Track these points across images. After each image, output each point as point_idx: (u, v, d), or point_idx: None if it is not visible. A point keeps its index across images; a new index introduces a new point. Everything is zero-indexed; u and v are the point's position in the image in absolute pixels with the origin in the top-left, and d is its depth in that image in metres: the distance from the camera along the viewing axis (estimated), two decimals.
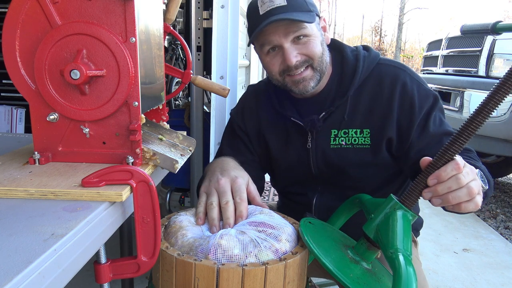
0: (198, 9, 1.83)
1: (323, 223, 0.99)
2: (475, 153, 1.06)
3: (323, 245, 0.84)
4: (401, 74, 1.09)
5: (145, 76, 0.86)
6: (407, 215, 0.80)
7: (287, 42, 1.03)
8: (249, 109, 1.25)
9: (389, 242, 0.77)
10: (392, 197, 0.82)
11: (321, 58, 1.07)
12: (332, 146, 1.13)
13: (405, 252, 0.75)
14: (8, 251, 0.50)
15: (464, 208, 0.79)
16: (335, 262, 0.80)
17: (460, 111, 3.27)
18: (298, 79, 1.06)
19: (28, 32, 0.77)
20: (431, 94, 1.08)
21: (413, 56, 22.76)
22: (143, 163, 0.84)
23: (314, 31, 1.05)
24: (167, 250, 0.80)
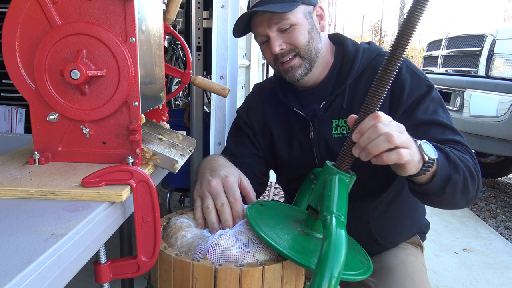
0: (198, 9, 1.83)
1: (278, 203, 1.02)
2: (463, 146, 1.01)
3: (270, 224, 0.84)
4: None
5: (145, 76, 0.86)
6: (343, 177, 0.80)
7: (272, 32, 1.08)
8: (254, 104, 1.28)
9: (323, 207, 0.77)
10: (327, 164, 0.83)
11: (307, 46, 1.09)
12: (334, 136, 1.14)
13: (336, 214, 0.74)
14: (8, 251, 0.50)
15: (386, 158, 0.76)
16: (279, 237, 0.80)
17: (460, 111, 3.27)
18: (287, 67, 1.11)
19: (28, 32, 0.77)
20: (426, 83, 1.07)
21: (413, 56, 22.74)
22: (143, 163, 0.84)
23: (299, 20, 1.07)
24: (165, 250, 0.80)
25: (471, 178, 0.93)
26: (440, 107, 1.07)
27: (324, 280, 0.65)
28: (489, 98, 3.03)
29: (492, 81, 3.07)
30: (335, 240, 0.69)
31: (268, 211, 0.92)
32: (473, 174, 0.93)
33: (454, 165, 0.89)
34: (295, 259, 0.75)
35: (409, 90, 1.05)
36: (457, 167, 0.89)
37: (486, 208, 3.45)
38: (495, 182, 4.24)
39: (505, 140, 2.99)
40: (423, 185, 0.87)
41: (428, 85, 1.07)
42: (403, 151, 0.76)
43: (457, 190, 0.90)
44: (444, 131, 1.02)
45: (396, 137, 0.75)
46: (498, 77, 3.07)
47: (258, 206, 0.92)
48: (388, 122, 0.77)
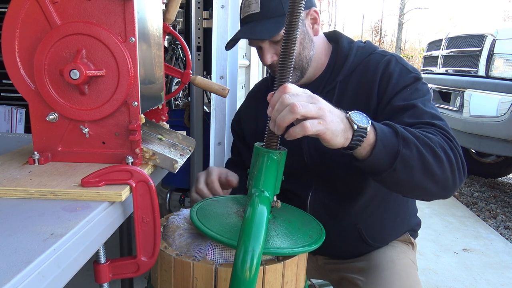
0: (198, 9, 1.83)
1: (232, 196, 1.07)
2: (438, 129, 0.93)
3: (215, 215, 0.88)
4: (387, 57, 1.10)
5: (145, 76, 0.86)
6: (270, 155, 0.80)
7: (264, 44, 1.09)
8: (247, 110, 1.31)
9: (250, 187, 0.78)
10: (255, 145, 0.84)
11: (298, 57, 1.09)
12: None
13: (259, 190, 0.75)
14: (7, 251, 0.50)
15: (292, 132, 0.74)
16: (219, 225, 0.82)
17: (460, 111, 3.27)
18: None
19: (27, 32, 0.77)
20: (413, 75, 1.05)
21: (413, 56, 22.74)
22: (142, 163, 0.84)
23: None
24: (165, 250, 0.80)
25: (433, 157, 0.84)
26: (422, 97, 1.02)
27: (247, 255, 0.65)
28: (489, 98, 3.03)
29: (492, 81, 3.07)
30: (256, 215, 0.69)
31: (217, 204, 0.96)
32: (436, 152, 0.85)
33: (404, 140, 0.82)
34: (220, 239, 0.76)
35: (395, 81, 1.04)
36: (407, 142, 0.83)
37: (486, 208, 3.45)
38: (495, 182, 4.24)
39: (505, 140, 2.99)
40: (364, 160, 0.83)
41: (414, 77, 1.05)
42: (307, 122, 0.72)
43: (413, 169, 0.83)
44: (420, 115, 0.96)
45: (300, 106, 0.71)
46: (498, 77, 3.07)
47: (209, 201, 0.98)
48: (295, 93, 0.74)
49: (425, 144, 0.84)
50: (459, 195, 3.77)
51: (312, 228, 0.89)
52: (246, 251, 0.65)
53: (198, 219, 0.84)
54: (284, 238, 0.80)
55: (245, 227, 0.68)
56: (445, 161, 0.85)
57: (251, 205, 0.71)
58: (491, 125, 3.00)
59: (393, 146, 0.82)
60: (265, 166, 0.79)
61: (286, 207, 0.99)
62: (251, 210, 0.70)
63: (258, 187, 0.76)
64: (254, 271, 0.65)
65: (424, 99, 1.01)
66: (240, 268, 0.65)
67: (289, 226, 0.86)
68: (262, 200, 0.72)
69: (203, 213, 0.88)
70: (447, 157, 0.86)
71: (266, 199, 0.73)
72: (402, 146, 0.82)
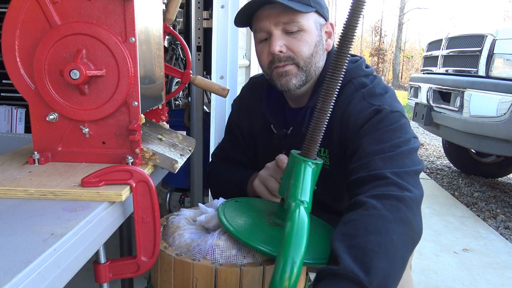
0: (198, 9, 1.83)
1: (254, 198, 1.02)
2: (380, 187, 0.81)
3: (242, 218, 0.85)
4: (355, 94, 1.01)
5: (145, 76, 0.86)
6: (308, 164, 0.79)
7: (277, 29, 0.99)
8: (245, 108, 1.24)
9: (288, 195, 0.77)
10: (292, 153, 0.82)
11: (309, 59, 1.02)
12: None
13: (299, 200, 0.74)
14: (7, 251, 0.50)
15: None
16: (249, 230, 0.80)
17: (460, 111, 3.27)
18: (281, 71, 1.02)
19: (27, 32, 0.77)
20: (374, 108, 0.96)
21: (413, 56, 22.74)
22: (142, 163, 0.84)
23: (309, 27, 1.00)
24: (165, 250, 0.80)
25: (400, 227, 0.73)
26: (379, 129, 0.93)
27: (287, 266, 0.63)
28: (489, 98, 3.02)
29: (492, 81, 3.07)
30: (297, 226, 0.68)
31: (242, 206, 0.93)
32: (397, 239, 0.72)
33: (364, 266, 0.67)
34: (261, 248, 0.75)
35: (353, 121, 0.97)
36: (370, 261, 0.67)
37: (486, 208, 3.45)
38: (495, 182, 4.24)
39: (505, 140, 2.99)
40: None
41: (375, 110, 0.96)
42: None
43: (396, 271, 0.70)
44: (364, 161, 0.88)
45: None
46: (498, 77, 3.07)
47: (233, 203, 0.93)
48: None
49: (386, 247, 0.70)
50: (459, 195, 3.77)
51: None
52: (286, 263, 0.64)
53: (232, 226, 0.81)
54: (313, 249, 0.78)
55: (289, 239, 0.66)
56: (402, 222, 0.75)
57: (293, 217, 0.70)
58: (491, 125, 3.00)
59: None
60: (304, 176, 0.78)
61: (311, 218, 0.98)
62: (292, 221, 0.69)
63: (297, 197, 0.75)
64: (294, 282, 0.63)
65: (382, 131, 0.92)
66: (279, 278, 0.63)
67: (316, 237, 0.85)
68: (303, 211, 0.71)
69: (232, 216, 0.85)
70: (400, 218, 0.76)
71: (306, 210, 0.72)
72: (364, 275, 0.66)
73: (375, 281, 0.65)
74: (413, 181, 0.84)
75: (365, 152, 0.90)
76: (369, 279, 0.64)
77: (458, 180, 4.24)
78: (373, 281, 0.64)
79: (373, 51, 25.26)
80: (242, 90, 1.30)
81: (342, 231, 0.74)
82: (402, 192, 0.79)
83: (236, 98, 1.31)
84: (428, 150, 5.74)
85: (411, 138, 0.93)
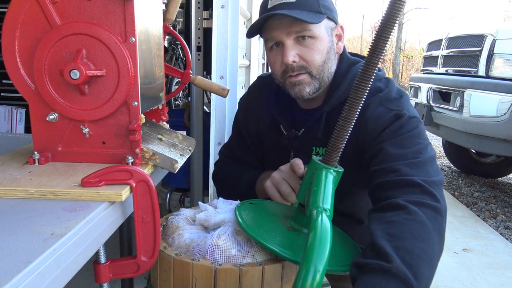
0: (198, 9, 1.83)
1: (268, 201, 1.00)
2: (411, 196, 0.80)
3: (259, 221, 0.85)
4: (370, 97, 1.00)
5: (145, 76, 0.86)
6: (329, 171, 0.79)
7: (289, 39, 0.99)
8: (253, 106, 1.23)
9: (310, 202, 0.77)
10: (313, 159, 0.82)
11: (321, 67, 1.02)
12: None
13: (322, 208, 0.74)
14: (8, 251, 0.50)
15: None
16: (268, 234, 0.80)
17: (460, 111, 3.27)
18: (294, 81, 1.02)
19: (27, 32, 0.77)
20: (394, 113, 0.96)
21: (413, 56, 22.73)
22: (142, 163, 0.84)
23: (321, 34, 1.00)
24: (165, 250, 0.80)
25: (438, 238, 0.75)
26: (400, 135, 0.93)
27: (309, 274, 0.64)
28: (489, 98, 3.02)
29: (492, 81, 3.07)
30: (320, 234, 0.68)
31: (257, 209, 0.92)
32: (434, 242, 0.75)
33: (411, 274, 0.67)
34: (283, 254, 0.75)
35: (372, 127, 0.97)
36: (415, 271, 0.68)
37: (486, 208, 3.45)
38: (495, 182, 4.24)
39: (505, 140, 2.99)
40: None
41: (395, 115, 0.96)
42: None
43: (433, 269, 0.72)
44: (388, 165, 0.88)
45: None
46: (498, 77, 3.07)
47: (248, 205, 0.93)
48: None
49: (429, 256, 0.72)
50: (459, 195, 3.77)
51: (352, 247, 0.89)
52: (313, 271, 0.64)
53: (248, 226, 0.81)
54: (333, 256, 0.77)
55: (312, 247, 0.66)
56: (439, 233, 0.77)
57: (315, 225, 0.70)
58: (491, 125, 3.00)
59: None
60: (324, 183, 0.78)
61: None
62: (315, 229, 0.69)
63: (319, 204, 0.75)
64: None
65: (403, 136, 0.93)
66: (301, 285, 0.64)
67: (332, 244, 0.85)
68: (326, 219, 0.71)
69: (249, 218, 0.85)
70: (438, 228, 0.78)
71: (328, 217, 0.72)
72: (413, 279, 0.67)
73: (421, 286, 0.67)
74: (440, 192, 0.85)
75: (388, 155, 0.90)
76: (417, 283, 0.66)
77: (458, 180, 4.25)
78: (420, 286, 0.66)
79: None
80: (250, 88, 1.29)
81: (386, 230, 0.75)
82: (436, 202, 0.80)
83: (244, 95, 1.30)
84: None
85: (428, 145, 0.94)
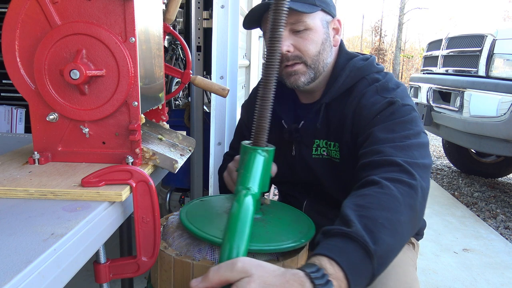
0: (198, 9, 1.83)
1: (220, 195, 1.05)
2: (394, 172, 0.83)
3: (204, 215, 0.89)
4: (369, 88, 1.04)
5: (145, 76, 0.86)
6: (257, 152, 0.81)
7: (284, 30, 0.99)
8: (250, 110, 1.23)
9: (237, 185, 0.79)
10: (242, 143, 0.84)
11: (316, 57, 1.05)
12: (314, 156, 1.11)
13: (245, 187, 0.76)
14: (8, 251, 0.50)
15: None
16: (208, 225, 0.82)
17: (460, 111, 3.27)
18: (290, 71, 1.05)
19: (27, 32, 0.77)
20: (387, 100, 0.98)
21: (413, 56, 22.74)
22: (142, 163, 0.84)
23: (315, 26, 1.03)
24: (165, 250, 0.80)
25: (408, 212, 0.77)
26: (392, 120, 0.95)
27: (232, 252, 0.65)
28: (489, 98, 3.02)
29: (492, 81, 3.07)
30: (240, 211, 0.70)
31: (205, 205, 0.97)
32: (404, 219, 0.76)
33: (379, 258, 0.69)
34: (210, 238, 0.76)
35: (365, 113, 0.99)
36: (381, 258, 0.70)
37: (486, 208, 3.45)
38: (495, 182, 4.24)
39: (505, 140, 2.99)
40: None
41: (388, 102, 0.98)
42: None
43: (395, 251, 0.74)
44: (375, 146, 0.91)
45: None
46: (498, 77, 3.07)
47: (197, 202, 0.97)
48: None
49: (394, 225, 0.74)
50: (459, 195, 3.77)
51: (302, 223, 0.90)
52: (231, 248, 0.66)
53: (188, 220, 0.84)
54: (274, 235, 0.81)
55: (230, 224, 0.69)
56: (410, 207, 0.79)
57: (237, 202, 0.72)
58: (491, 125, 3.00)
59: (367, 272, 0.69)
60: (252, 164, 0.80)
61: (276, 205, 1.00)
62: (236, 207, 0.71)
63: (244, 184, 0.76)
64: None
65: (394, 122, 0.94)
66: None
67: (279, 223, 0.87)
68: (248, 197, 0.73)
69: (193, 214, 0.88)
70: (409, 203, 0.79)
71: (252, 196, 0.74)
72: (377, 265, 0.70)
73: (379, 251, 0.69)
74: (423, 173, 0.86)
75: (376, 139, 0.93)
76: (375, 248, 0.69)
77: (458, 180, 4.25)
78: (378, 251, 0.69)
79: (373, 51, 25.26)
80: (253, 91, 1.33)
81: (355, 202, 0.77)
82: (413, 180, 0.82)
83: (246, 100, 1.34)
84: None
85: (421, 132, 0.96)
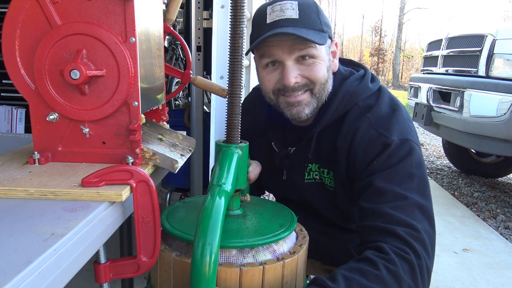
0: (198, 9, 1.83)
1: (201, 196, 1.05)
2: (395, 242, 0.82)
3: (186, 216, 0.90)
4: (360, 120, 0.97)
5: (145, 76, 0.86)
6: (230, 149, 0.83)
7: (290, 59, 0.93)
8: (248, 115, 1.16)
9: (210, 182, 0.80)
10: (216, 142, 0.86)
11: (323, 85, 0.97)
12: (307, 181, 1.08)
13: (217, 184, 0.76)
14: (8, 251, 0.50)
15: None
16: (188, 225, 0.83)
17: (460, 111, 3.27)
18: (293, 101, 0.97)
19: (28, 32, 0.77)
20: (381, 141, 0.92)
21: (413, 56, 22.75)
22: (143, 163, 0.84)
23: (322, 54, 0.95)
24: (165, 251, 0.80)
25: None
26: (389, 167, 0.90)
27: (204, 249, 0.66)
28: (489, 98, 3.03)
29: (492, 81, 3.07)
30: (211, 208, 0.70)
31: (188, 205, 0.98)
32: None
33: None
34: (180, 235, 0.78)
35: (362, 154, 0.94)
36: None
37: (486, 208, 3.45)
38: (495, 182, 4.24)
39: (505, 140, 2.99)
40: None
41: (383, 144, 0.92)
42: None
43: None
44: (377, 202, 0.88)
45: None
46: (498, 77, 3.07)
47: (180, 204, 0.98)
48: None
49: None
50: (459, 195, 3.77)
51: (284, 217, 0.90)
52: (204, 245, 0.67)
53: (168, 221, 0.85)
54: (253, 231, 0.81)
55: (201, 221, 0.69)
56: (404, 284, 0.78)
57: (208, 199, 0.72)
58: (491, 125, 3.00)
59: None
60: (225, 161, 0.81)
61: (258, 200, 1.00)
62: (207, 204, 0.71)
63: (217, 181, 0.77)
64: (213, 265, 0.66)
65: (391, 169, 0.90)
66: (199, 261, 0.66)
67: (260, 218, 0.88)
68: (219, 194, 0.73)
69: (173, 216, 0.89)
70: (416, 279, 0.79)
71: (223, 192, 0.74)
72: None
73: None
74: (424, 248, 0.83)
75: (377, 191, 0.89)
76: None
77: (458, 180, 4.25)
78: None
79: (373, 51, 25.27)
80: (244, 102, 1.23)
81: (356, 269, 0.78)
82: (419, 259, 0.81)
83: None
84: (428, 150, 5.74)
85: (420, 173, 0.90)
